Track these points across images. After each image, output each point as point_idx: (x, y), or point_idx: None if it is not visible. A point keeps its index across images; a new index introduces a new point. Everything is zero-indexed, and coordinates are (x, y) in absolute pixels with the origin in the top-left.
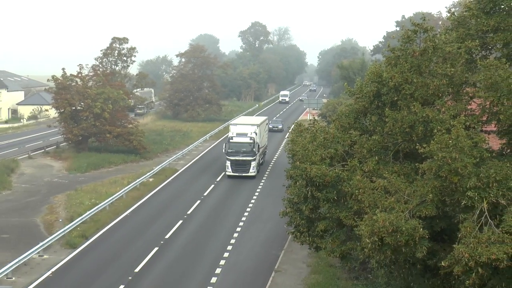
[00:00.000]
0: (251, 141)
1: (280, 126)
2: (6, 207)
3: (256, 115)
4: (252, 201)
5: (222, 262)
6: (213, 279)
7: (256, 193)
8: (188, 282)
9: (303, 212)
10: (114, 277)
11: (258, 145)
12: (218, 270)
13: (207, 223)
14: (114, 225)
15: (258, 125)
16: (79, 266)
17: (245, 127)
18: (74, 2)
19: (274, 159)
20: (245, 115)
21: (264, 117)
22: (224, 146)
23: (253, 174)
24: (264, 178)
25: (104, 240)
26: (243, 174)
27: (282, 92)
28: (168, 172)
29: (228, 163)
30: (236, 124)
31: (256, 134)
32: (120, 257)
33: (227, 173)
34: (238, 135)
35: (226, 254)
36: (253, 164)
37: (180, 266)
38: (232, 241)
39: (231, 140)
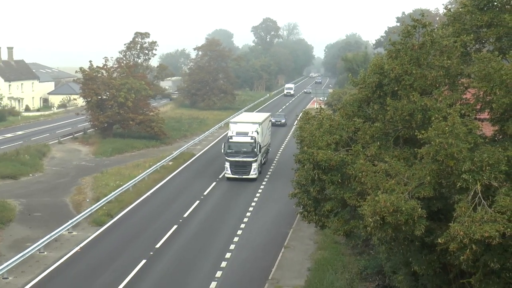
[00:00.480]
0: (252, 140)
1: (283, 121)
2: (38, 188)
3: (257, 111)
4: (263, 182)
5: (236, 239)
6: (228, 255)
7: (266, 177)
8: (204, 257)
9: (310, 193)
10: (137, 252)
11: (260, 145)
12: (232, 246)
13: (222, 203)
14: (136, 204)
15: (260, 123)
16: (105, 242)
17: (246, 126)
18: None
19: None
20: (257, 104)
21: (267, 114)
22: (223, 146)
23: (254, 176)
24: (266, 179)
25: (128, 218)
26: (243, 177)
27: (287, 85)
28: (186, 156)
29: (227, 165)
30: (236, 122)
31: (257, 133)
32: (142, 234)
33: (226, 175)
34: (238, 134)
35: (239, 232)
36: (254, 165)
37: (198, 242)
38: (245, 219)
39: (230, 140)
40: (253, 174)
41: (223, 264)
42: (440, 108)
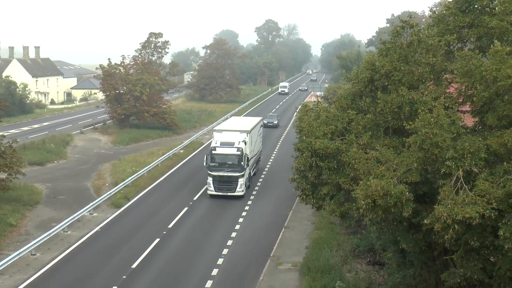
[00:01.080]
0: (239, 152)
1: (276, 122)
2: (63, 173)
3: (247, 112)
4: (266, 168)
5: (241, 220)
6: (233, 234)
7: (269, 163)
8: (212, 237)
9: (308, 178)
10: (151, 232)
11: (248, 158)
12: (237, 227)
13: None
14: (151, 189)
15: (248, 132)
16: (122, 223)
17: (232, 135)
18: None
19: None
20: (259, 98)
21: (258, 118)
22: (205, 159)
23: (240, 193)
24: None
25: (143, 201)
26: (229, 194)
27: (281, 84)
28: (195, 145)
29: (209, 180)
30: (220, 131)
31: (245, 143)
32: (156, 215)
33: (208, 192)
34: (223, 144)
35: (244, 213)
36: (241, 181)
37: (206, 223)
38: (249, 202)
39: (213, 151)
40: (239, 191)
41: (229, 242)
42: (426, 101)
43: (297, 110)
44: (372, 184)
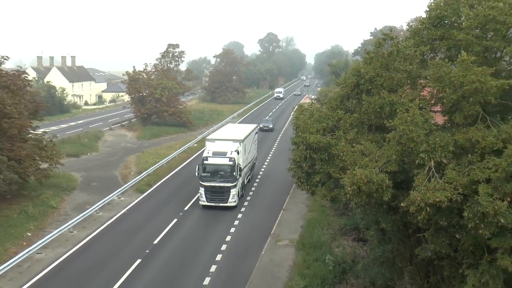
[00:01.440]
0: (231, 163)
1: (271, 126)
2: (95, 164)
3: (250, 112)
4: (268, 158)
5: (246, 203)
6: (239, 216)
7: (274, 147)
8: (220, 219)
9: (303, 168)
10: (170, 213)
11: (240, 168)
12: (242, 209)
13: None
14: (169, 177)
15: (241, 141)
16: (145, 205)
17: (225, 144)
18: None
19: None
20: (261, 100)
21: (252, 126)
22: (197, 169)
23: (232, 204)
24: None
25: (163, 187)
26: (220, 204)
27: (277, 89)
28: None
29: (201, 190)
30: (213, 140)
31: (238, 153)
32: (174, 199)
33: (200, 202)
34: (215, 154)
35: (248, 198)
36: (233, 192)
37: (215, 206)
38: (253, 188)
39: (205, 161)
40: (231, 201)
41: (236, 222)
42: (403, 103)
43: (294, 110)
44: (357, 173)
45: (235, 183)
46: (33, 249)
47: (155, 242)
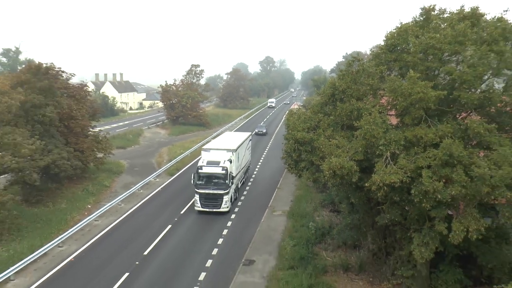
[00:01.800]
0: (224, 171)
1: (264, 131)
2: (137, 154)
3: (252, 116)
4: (264, 153)
5: (250, 183)
6: (245, 192)
7: (268, 147)
8: None
9: (292, 157)
10: (192, 193)
11: (232, 176)
12: (247, 188)
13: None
14: (192, 164)
15: (234, 150)
16: (175, 184)
17: (219, 154)
18: (173, 45)
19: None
20: (260, 106)
21: (247, 134)
22: (192, 177)
23: (225, 209)
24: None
25: (187, 172)
26: (214, 210)
27: (269, 100)
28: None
29: (196, 197)
30: (208, 150)
31: (231, 162)
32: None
33: (195, 208)
34: (209, 163)
35: (251, 180)
36: (226, 198)
37: None
38: (256, 169)
39: (200, 170)
40: (224, 207)
41: (242, 198)
42: (367, 108)
43: (285, 114)
44: (333, 161)
45: (227, 190)
46: (92, 217)
47: (182, 212)
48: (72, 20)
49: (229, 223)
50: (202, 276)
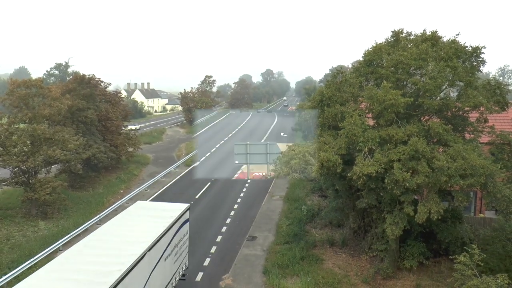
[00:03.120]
0: None
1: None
2: (160, 148)
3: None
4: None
5: (249, 181)
6: (247, 185)
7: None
8: (235, 183)
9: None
10: (204, 181)
11: None
12: (247, 185)
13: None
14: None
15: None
16: (191, 174)
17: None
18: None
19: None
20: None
21: (181, 208)
22: None
23: None
24: None
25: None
26: None
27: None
28: None
29: None
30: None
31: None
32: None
33: None
34: None
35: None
36: None
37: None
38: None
39: None
40: None
41: (247, 185)
42: (349, 112)
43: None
44: (321, 155)
45: None
46: (124, 200)
47: (197, 196)
48: (111, 38)
49: (235, 206)
50: (213, 249)
